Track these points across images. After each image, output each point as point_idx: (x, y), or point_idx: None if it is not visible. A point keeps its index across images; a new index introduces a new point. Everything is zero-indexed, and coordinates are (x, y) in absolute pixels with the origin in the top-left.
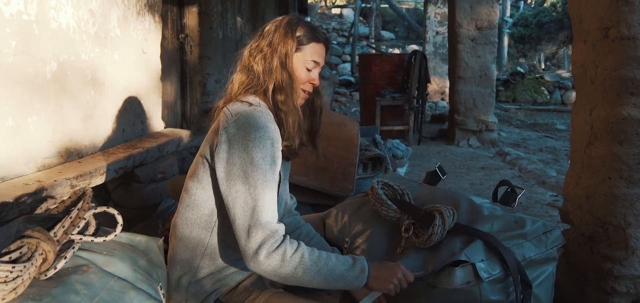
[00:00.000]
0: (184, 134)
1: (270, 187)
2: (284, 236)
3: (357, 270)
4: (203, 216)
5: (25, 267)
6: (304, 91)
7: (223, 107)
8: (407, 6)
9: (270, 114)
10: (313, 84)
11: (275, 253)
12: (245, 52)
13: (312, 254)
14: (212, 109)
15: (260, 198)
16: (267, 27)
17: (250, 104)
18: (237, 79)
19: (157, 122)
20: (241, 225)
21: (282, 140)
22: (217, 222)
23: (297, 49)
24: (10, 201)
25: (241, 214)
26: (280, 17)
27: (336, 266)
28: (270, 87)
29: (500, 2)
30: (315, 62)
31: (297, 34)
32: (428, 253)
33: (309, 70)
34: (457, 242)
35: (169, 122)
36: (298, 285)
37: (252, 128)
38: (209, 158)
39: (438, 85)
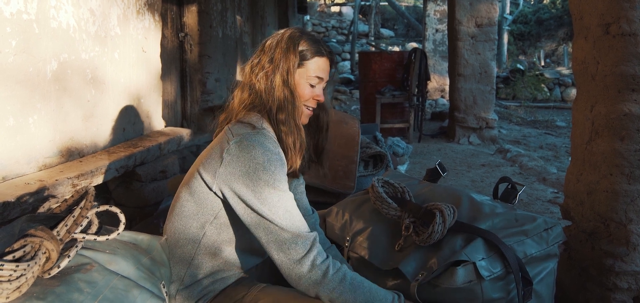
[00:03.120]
0: (185, 132)
1: (292, 202)
2: (327, 255)
3: None
4: (191, 229)
5: (28, 265)
6: (309, 108)
7: (225, 123)
8: (406, 4)
9: (273, 135)
10: (318, 100)
11: (319, 267)
12: (247, 68)
13: (354, 279)
14: (213, 122)
15: (286, 214)
16: (268, 42)
17: (254, 127)
18: (238, 95)
19: (157, 121)
20: (278, 243)
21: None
22: (204, 236)
23: (300, 65)
24: (12, 200)
25: (277, 232)
26: (282, 31)
27: (375, 299)
28: (274, 107)
29: None
30: (319, 78)
31: (300, 48)
32: (428, 251)
33: (312, 86)
34: (457, 240)
35: (169, 121)
36: None
37: (257, 153)
38: (206, 177)
39: (438, 82)
